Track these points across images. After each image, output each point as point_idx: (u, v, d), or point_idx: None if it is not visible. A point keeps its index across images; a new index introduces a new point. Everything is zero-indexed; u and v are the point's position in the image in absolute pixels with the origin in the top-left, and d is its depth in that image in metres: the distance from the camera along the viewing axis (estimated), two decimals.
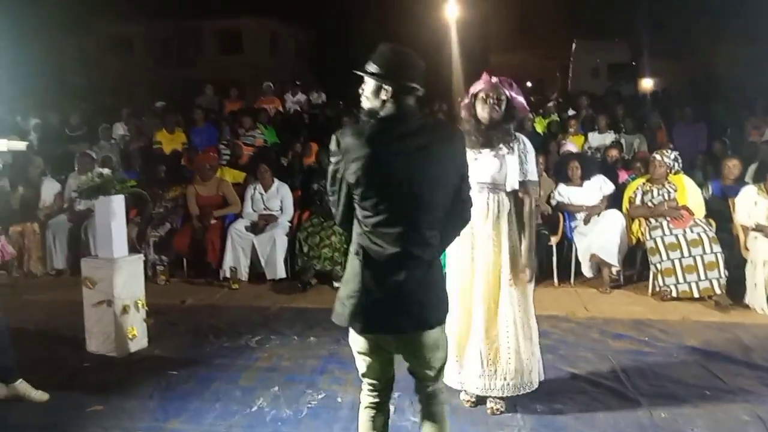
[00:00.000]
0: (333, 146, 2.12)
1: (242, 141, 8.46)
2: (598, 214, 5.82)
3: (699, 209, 5.51)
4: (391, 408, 3.35)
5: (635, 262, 5.92)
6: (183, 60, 28.72)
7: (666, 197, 5.55)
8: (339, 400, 3.53)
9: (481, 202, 3.14)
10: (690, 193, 5.56)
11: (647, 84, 22.59)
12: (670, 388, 3.62)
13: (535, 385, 3.31)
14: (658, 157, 5.64)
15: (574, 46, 28.07)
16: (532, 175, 3.24)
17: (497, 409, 3.27)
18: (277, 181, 6.33)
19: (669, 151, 5.78)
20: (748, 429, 3.14)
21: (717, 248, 5.18)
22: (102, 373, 3.93)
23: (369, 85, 2.14)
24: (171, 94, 11.52)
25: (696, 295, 5.20)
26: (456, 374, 3.34)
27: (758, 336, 4.48)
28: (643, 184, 5.76)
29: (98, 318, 4.14)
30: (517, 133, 3.32)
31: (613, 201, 5.99)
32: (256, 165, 6.73)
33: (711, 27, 22.74)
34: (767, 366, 3.89)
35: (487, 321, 3.22)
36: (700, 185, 5.88)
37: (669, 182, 5.63)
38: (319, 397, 3.56)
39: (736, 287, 5.20)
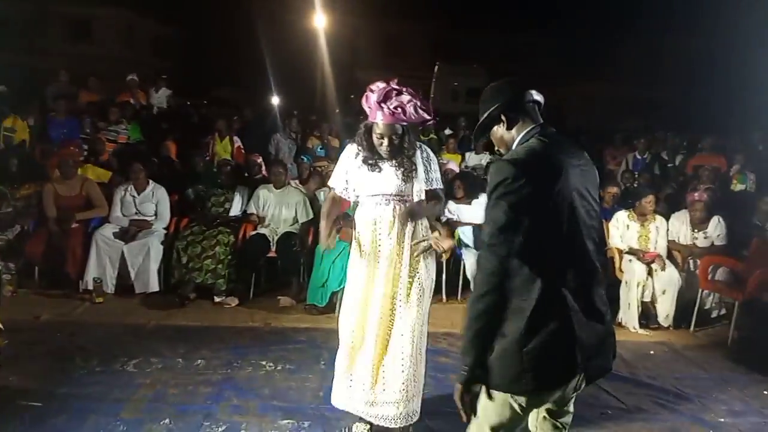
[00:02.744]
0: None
1: (104, 136, 7.63)
2: None
3: None
4: None
5: None
6: (24, 45, 25.78)
7: None
8: (243, 431, 3.16)
9: (387, 214, 2.98)
10: None
11: None
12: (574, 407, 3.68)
13: (417, 414, 3.06)
14: None
15: (436, 68, 29.23)
16: (438, 183, 3.10)
17: None
18: (152, 183, 5.73)
19: None
20: None
21: None
22: None
23: None
24: (12, 81, 10.12)
25: None
26: (345, 392, 3.09)
27: (636, 353, 4.76)
28: None
29: None
30: (419, 143, 3.13)
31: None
32: (127, 163, 6.07)
33: (566, 65, 24.82)
34: (653, 384, 4.12)
35: (380, 341, 2.98)
36: None
37: None
38: (220, 429, 3.17)
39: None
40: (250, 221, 5.73)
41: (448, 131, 9.61)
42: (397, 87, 2.86)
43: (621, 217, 5.74)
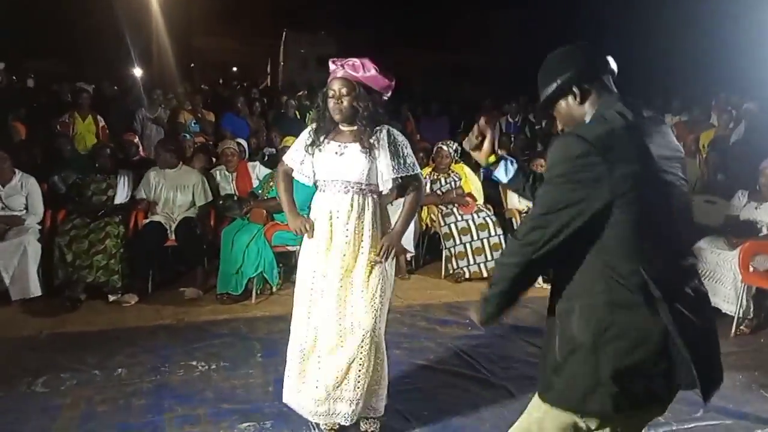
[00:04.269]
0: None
1: None
2: (391, 203, 5.89)
3: (480, 195, 5.99)
4: None
5: (421, 247, 6.18)
6: None
7: (453, 185, 5.90)
8: None
9: (344, 204, 2.77)
10: (471, 181, 6.00)
11: None
12: (520, 368, 3.81)
13: (381, 411, 2.95)
14: (444, 147, 5.95)
15: (284, 35, 28.52)
16: (412, 168, 2.85)
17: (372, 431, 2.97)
18: (19, 173, 4.93)
19: (450, 141, 6.15)
20: None
21: (500, 231, 5.70)
22: None
23: None
24: None
25: (485, 274, 5.63)
26: (296, 394, 2.88)
27: (546, 306, 5.04)
28: (430, 173, 6.02)
29: None
30: (386, 126, 2.86)
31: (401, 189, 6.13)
32: None
33: (409, 35, 25.40)
34: None
35: (332, 336, 2.77)
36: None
37: (453, 171, 5.98)
38: None
39: None
40: (141, 208, 5.17)
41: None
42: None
43: None
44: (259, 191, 5.12)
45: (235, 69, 29.61)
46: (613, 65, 1.75)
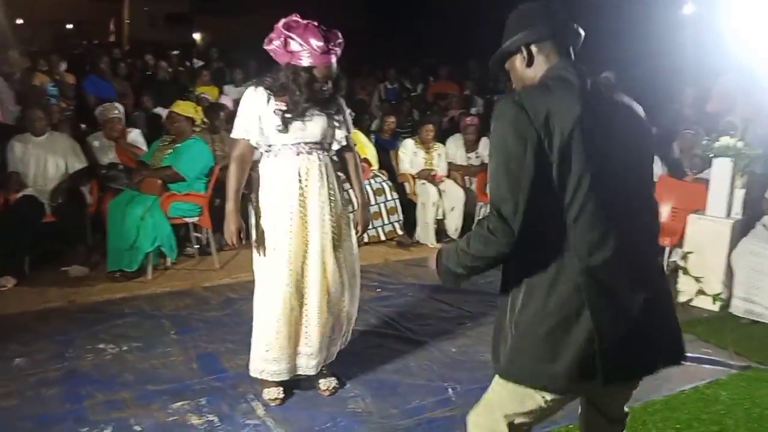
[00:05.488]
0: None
1: None
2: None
3: (374, 161, 6.05)
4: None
5: None
6: None
7: None
8: (137, 428, 2.71)
9: (313, 166, 2.77)
10: (366, 147, 6.04)
11: (197, 36, 23.14)
12: (435, 324, 3.98)
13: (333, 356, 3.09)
14: None
15: None
16: (351, 127, 3.04)
17: (333, 387, 3.06)
18: None
19: None
20: None
21: (395, 195, 5.83)
22: None
23: None
24: None
25: (383, 237, 5.77)
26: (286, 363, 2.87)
27: None
28: None
29: None
30: None
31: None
32: None
33: None
34: (475, 289, 4.48)
35: (320, 295, 2.84)
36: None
37: None
38: (107, 431, 2.67)
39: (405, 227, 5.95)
40: (11, 182, 4.62)
41: (197, 62, 8.87)
42: (314, 23, 2.61)
43: (409, 144, 6.14)
44: (149, 160, 4.78)
45: (70, 26, 27.00)
46: (578, 29, 1.68)
